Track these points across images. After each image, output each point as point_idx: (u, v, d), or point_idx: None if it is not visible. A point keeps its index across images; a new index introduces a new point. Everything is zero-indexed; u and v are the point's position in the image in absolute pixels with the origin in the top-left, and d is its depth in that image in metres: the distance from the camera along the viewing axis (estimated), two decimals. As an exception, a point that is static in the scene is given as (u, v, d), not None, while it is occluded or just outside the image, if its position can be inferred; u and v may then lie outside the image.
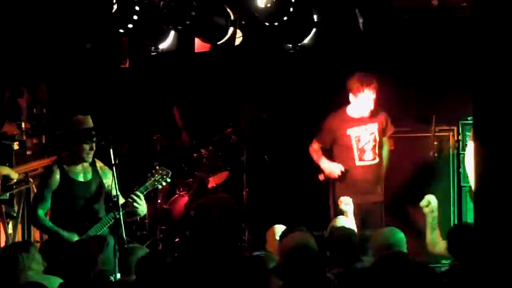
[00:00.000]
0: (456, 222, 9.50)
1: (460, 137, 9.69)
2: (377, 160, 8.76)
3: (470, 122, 9.60)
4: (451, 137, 9.79)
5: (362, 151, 8.69)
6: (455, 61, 9.73)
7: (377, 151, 8.74)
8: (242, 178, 10.77)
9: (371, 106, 8.53)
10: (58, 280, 5.78)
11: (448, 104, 9.81)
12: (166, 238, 10.55)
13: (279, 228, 7.15)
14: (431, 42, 9.77)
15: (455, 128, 9.75)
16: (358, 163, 8.69)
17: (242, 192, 10.73)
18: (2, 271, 5.86)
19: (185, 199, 10.79)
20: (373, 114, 8.66)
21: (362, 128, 8.68)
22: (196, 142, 11.18)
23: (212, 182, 10.86)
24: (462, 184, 9.61)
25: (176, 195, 10.88)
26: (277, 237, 6.94)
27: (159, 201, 10.60)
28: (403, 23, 8.89)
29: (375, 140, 8.72)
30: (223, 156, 10.94)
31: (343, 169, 8.62)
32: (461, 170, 9.61)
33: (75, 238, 7.22)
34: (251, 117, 11.29)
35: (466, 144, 9.46)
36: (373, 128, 8.71)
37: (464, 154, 9.46)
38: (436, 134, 9.53)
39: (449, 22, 9.27)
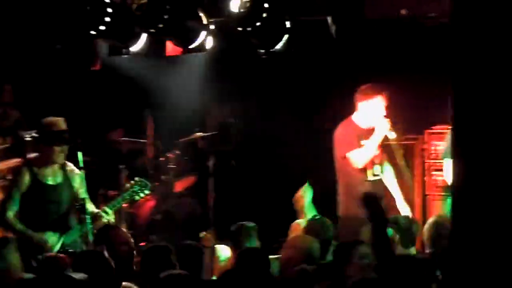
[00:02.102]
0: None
1: (425, 146, 9.80)
2: (383, 174, 8.61)
3: (436, 131, 9.73)
4: (416, 145, 9.88)
5: (371, 164, 8.49)
6: (422, 70, 9.84)
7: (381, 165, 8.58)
8: (208, 183, 10.76)
9: (383, 113, 8.42)
10: None
11: (414, 113, 9.90)
12: (131, 242, 10.47)
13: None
14: (399, 51, 9.86)
15: (421, 137, 9.85)
16: (369, 177, 8.46)
17: (208, 197, 10.71)
18: None
19: (151, 203, 10.72)
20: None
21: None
22: (162, 146, 11.13)
23: (178, 186, 10.82)
24: (426, 192, 9.72)
25: (142, 199, 10.80)
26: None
27: (124, 205, 10.51)
28: (375, 32, 8.97)
29: (380, 153, 8.58)
30: (190, 160, 10.92)
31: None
32: (425, 178, 9.73)
33: (47, 239, 7.16)
34: (218, 121, 11.28)
35: (431, 153, 9.59)
36: None
37: (429, 162, 9.60)
38: (402, 142, 9.59)
39: (417, 31, 9.38)
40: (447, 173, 8.35)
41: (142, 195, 7.62)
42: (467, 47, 3.52)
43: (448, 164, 8.26)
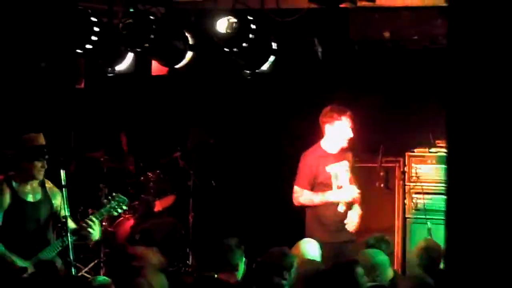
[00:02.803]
0: (400, 253, 9.63)
1: (406, 169, 9.85)
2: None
3: (416, 154, 9.80)
4: (397, 168, 9.93)
5: (339, 188, 8.45)
6: (404, 93, 9.93)
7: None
8: (188, 202, 10.78)
9: (350, 134, 8.40)
10: None
11: (395, 136, 9.97)
12: (110, 261, 10.42)
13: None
14: (381, 74, 9.94)
15: (401, 160, 9.91)
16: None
17: (188, 217, 10.73)
18: None
19: (131, 222, 10.69)
20: (344, 150, 8.52)
21: (338, 165, 8.46)
22: (143, 165, 11.12)
23: (158, 205, 10.81)
24: (406, 215, 9.76)
25: (122, 218, 10.73)
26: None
27: (104, 223, 10.47)
28: (358, 54, 9.03)
29: (350, 177, 8.54)
30: (170, 180, 10.93)
31: (356, 188, 8.42)
32: (405, 201, 9.77)
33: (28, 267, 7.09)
34: (198, 141, 11.29)
35: (412, 176, 9.65)
36: (346, 165, 8.53)
37: (410, 185, 9.66)
38: (382, 165, 9.65)
39: (400, 54, 9.46)
40: None
41: (120, 210, 7.59)
42: (461, 64, 3.54)
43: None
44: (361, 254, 6.85)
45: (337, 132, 8.40)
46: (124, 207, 7.58)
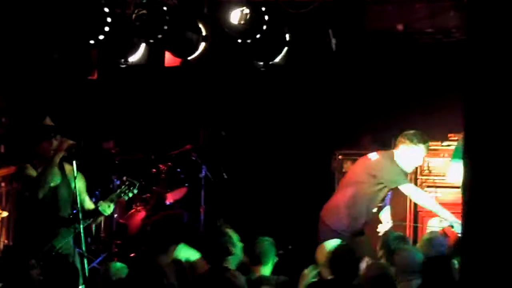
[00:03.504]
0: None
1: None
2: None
3: (429, 147, 9.76)
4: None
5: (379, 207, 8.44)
6: (417, 86, 9.90)
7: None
8: (200, 195, 10.77)
9: (419, 163, 8.45)
10: None
11: (407, 129, 9.93)
12: (121, 253, 10.43)
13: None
14: (394, 66, 9.92)
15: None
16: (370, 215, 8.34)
17: (199, 209, 10.72)
18: None
19: (142, 214, 10.68)
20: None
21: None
22: (154, 157, 11.11)
23: (170, 198, 10.79)
24: (418, 209, 9.72)
25: (133, 210, 10.76)
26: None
27: (115, 215, 10.48)
28: (371, 46, 9.01)
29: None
30: (182, 172, 10.91)
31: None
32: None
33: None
34: (210, 134, 11.29)
35: (424, 169, 9.62)
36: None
37: (422, 178, 9.63)
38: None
39: (412, 47, 9.43)
40: (452, 174, 8.34)
41: (130, 194, 7.59)
42: (481, 56, 3.54)
43: (454, 166, 8.24)
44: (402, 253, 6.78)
45: (409, 156, 8.23)
46: (135, 191, 7.57)
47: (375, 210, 8.30)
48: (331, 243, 6.87)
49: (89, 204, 7.42)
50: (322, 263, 6.67)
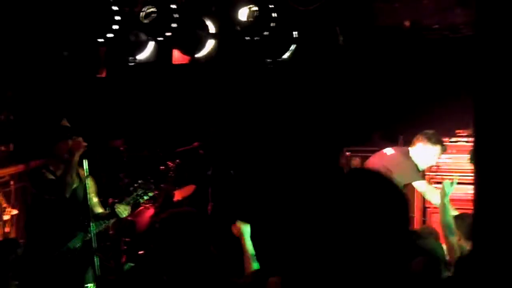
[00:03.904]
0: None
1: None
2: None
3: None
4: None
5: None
6: (424, 82, 9.90)
7: None
8: (207, 192, 10.77)
9: (432, 163, 8.58)
10: None
11: (414, 125, 9.94)
12: (129, 250, 10.45)
13: None
14: (401, 62, 9.93)
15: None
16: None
17: (207, 206, 10.73)
18: None
19: (151, 211, 10.71)
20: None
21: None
22: (162, 154, 11.12)
23: (178, 195, 10.81)
24: (426, 205, 9.71)
25: (141, 207, 10.78)
26: None
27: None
28: (380, 43, 9.01)
29: None
30: (190, 169, 10.92)
31: None
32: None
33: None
34: (218, 131, 11.30)
35: (432, 166, 9.62)
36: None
37: (430, 175, 9.62)
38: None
39: (419, 43, 9.43)
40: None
41: (146, 197, 7.64)
42: (489, 52, 3.52)
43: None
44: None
45: (424, 155, 8.40)
46: (150, 194, 7.62)
47: None
48: None
49: (100, 207, 7.45)
50: None
